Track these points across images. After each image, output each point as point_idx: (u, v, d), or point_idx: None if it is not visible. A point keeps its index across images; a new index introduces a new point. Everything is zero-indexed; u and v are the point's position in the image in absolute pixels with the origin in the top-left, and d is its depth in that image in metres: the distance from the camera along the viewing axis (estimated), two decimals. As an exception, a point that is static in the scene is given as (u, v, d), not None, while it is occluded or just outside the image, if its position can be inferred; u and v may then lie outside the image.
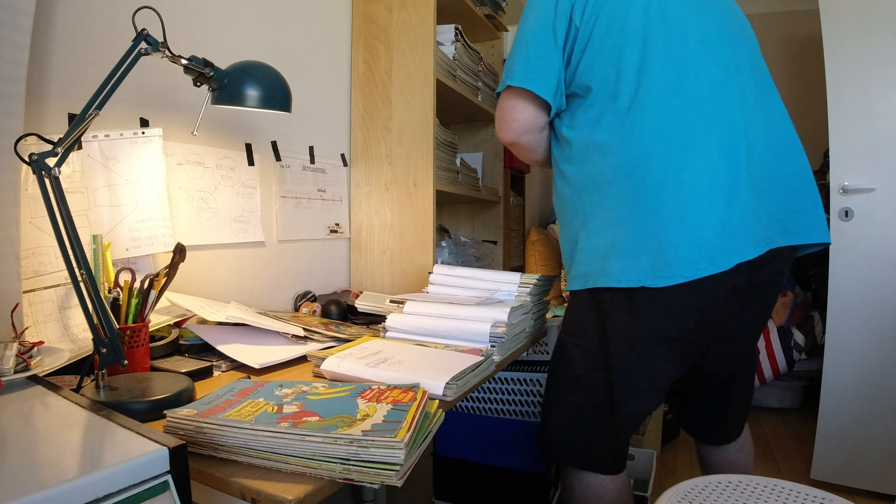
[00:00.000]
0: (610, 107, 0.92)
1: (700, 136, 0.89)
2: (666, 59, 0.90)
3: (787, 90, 3.25)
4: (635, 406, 0.99)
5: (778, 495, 0.89)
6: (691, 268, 0.86)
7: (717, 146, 0.89)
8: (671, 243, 0.86)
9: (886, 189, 1.81)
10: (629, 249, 0.89)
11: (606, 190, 0.92)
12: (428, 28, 1.50)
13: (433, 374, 0.74)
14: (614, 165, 0.91)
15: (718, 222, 0.87)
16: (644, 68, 0.90)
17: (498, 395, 1.42)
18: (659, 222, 0.87)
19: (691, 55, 0.92)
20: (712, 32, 0.95)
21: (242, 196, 1.29)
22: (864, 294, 1.84)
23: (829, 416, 1.90)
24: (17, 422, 0.53)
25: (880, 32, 1.79)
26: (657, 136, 0.89)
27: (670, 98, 0.90)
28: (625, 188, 0.90)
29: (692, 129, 0.89)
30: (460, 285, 1.13)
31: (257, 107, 0.92)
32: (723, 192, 0.88)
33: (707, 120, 0.90)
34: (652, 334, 0.94)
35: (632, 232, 0.89)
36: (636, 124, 0.90)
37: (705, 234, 0.86)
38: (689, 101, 0.90)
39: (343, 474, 0.52)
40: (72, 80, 0.93)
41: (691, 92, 0.90)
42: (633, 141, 0.90)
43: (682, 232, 0.86)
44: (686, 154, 0.88)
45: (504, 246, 2.19)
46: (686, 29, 0.93)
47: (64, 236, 0.67)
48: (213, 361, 0.91)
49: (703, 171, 0.88)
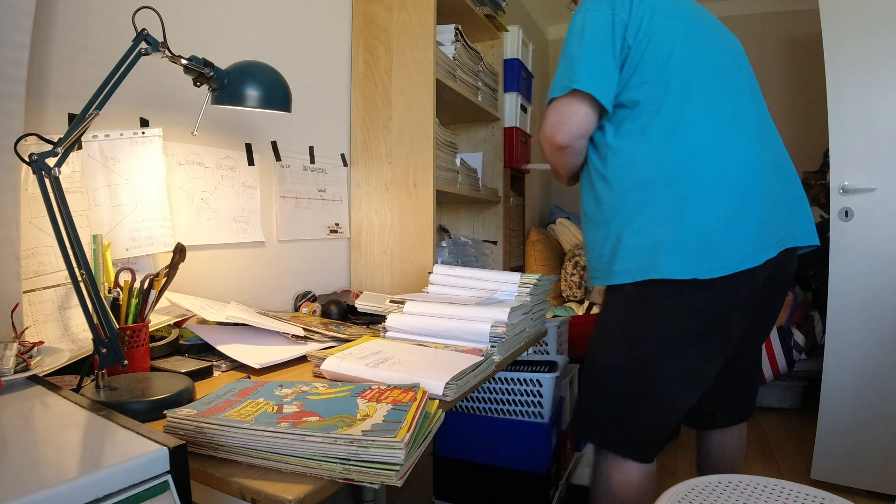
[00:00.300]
0: (655, 120, 1.04)
1: (732, 152, 1.03)
2: (703, 85, 1.05)
3: (787, 90, 3.25)
4: (673, 397, 1.07)
5: (778, 495, 0.89)
6: (734, 262, 0.99)
7: (744, 161, 1.04)
8: (716, 241, 0.99)
9: (886, 189, 1.81)
10: (678, 245, 1.00)
11: (652, 194, 1.03)
12: (428, 28, 1.50)
13: (433, 374, 0.74)
14: (661, 172, 1.02)
15: (752, 224, 1.01)
16: (688, 90, 1.04)
17: (498, 395, 1.42)
18: (704, 223, 1.00)
19: (720, 82, 1.07)
20: (731, 63, 1.11)
21: (242, 196, 1.29)
22: (864, 294, 1.84)
23: (829, 416, 1.90)
24: (17, 422, 0.53)
25: (880, 32, 1.79)
26: (698, 150, 1.02)
27: (707, 118, 1.04)
28: (670, 192, 1.01)
29: (725, 145, 1.03)
30: (460, 285, 1.13)
31: (257, 107, 0.92)
32: (753, 200, 1.03)
33: (735, 139, 1.04)
34: (700, 323, 1.03)
35: (679, 231, 1.00)
36: (680, 137, 1.02)
37: (743, 233, 1.00)
38: (721, 122, 1.04)
39: (343, 474, 0.52)
40: (72, 80, 0.93)
41: (721, 114, 1.05)
42: (677, 151, 1.02)
43: (726, 232, 1.00)
44: (722, 166, 1.02)
45: (504, 246, 2.19)
46: (716, 59, 1.09)
47: (64, 236, 0.67)
48: (213, 361, 0.91)
49: (737, 181, 1.02)
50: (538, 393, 1.38)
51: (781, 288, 1.16)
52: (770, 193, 1.05)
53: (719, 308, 1.03)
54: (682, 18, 1.09)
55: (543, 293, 1.21)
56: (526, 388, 1.39)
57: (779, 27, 3.28)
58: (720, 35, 1.14)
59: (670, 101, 1.04)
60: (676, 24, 1.07)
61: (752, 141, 1.07)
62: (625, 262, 1.06)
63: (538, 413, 1.39)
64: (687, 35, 1.07)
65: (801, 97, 3.20)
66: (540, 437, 1.38)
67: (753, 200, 1.02)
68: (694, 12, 1.12)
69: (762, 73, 1.36)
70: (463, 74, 1.77)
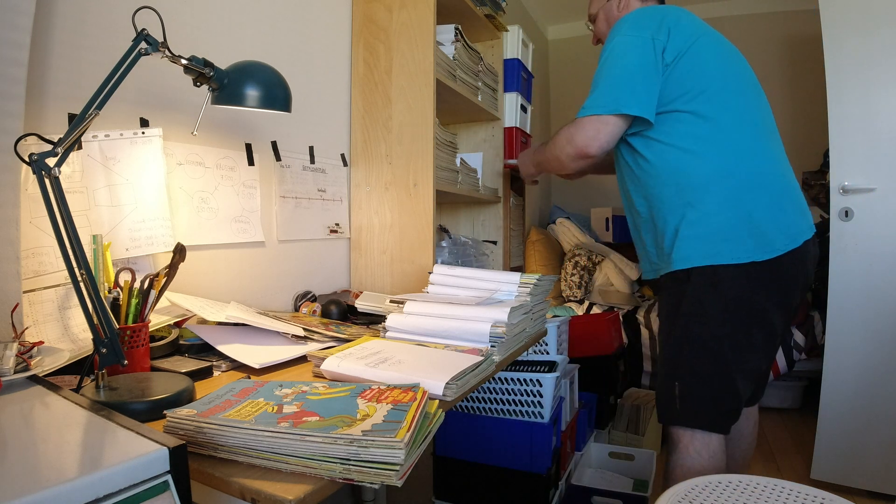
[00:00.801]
0: (701, 125, 1.19)
1: (768, 151, 1.22)
2: (735, 95, 1.21)
3: (788, 90, 3.25)
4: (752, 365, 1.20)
5: (778, 495, 0.89)
6: (783, 244, 1.16)
7: (777, 161, 1.23)
8: (767, 227, 1.16)
9: (886, 189, 1.81)
10: (735, 233, 1.16)
11: (705, 189, 1.18)
12: (428, 28, 1.50)
13: (433, 374, 0.74)
14: (714, 169, 1.18)
15: (792, 212, 1.20)
16: (725, 101, 1.19)
17: (498, 395, 1.42)
18: (755, 212, 1.16)
19: (747, 92, 1.24)
20: (748, 76, 1.28)
21: (242, 196, 1.29)
22: (864, 294, 1.84)
23: (829, 416, 1.90)
24: (17, 422, 0.53)
25: (880, 32, 1.79)
26: (742, 149, 1.19)
27: (743, 123, 1.20)
28: (723, 187, 1.17)
29: (762, 146, 1.22)
30: (460, 285, 1.13)
31: (257, 107, 0.92)
32: (790, 192, 1.22)
33: (768, 143, 1.23)
34: (765, 298, 1.17)
35: (735, 220, 1.16)
36: (726, 139, 1.19)
37: (787, 220, 1.18)
38: (754, 128, 1.22)
39: (343, 474, 0.52)
40: (72, 80, 0.93)
41: (752, 120, 1.22)
42: (726, 151, 1.18)
43: (773, 219, 1.17)
44: (763, 164, 1.20)
45: (504, 246, 2.19)
46: (739, 72, 1.26)
47: (64, 236, 0.67)
48: (213, 361, 0.91)
49: (777, 177, 1.21)
50: (538, 393, 1.38)
51: (812, 267, 1.28)
52: (795, 188, 1.25)
53: (777, 286, 1.17)
54: (709, 37, 1.24)
55: (543, 293, 1.21)
56: (526, 388, 1.39)
57: (779, 27, 3.28)
58: (734, 50, 1.30)
59: (711, 109, 1.18)
60: (707, 42, 1.22)
61: (776, 144, 1.25)
62: (683, 251, 1.21)
63: (538, 413, 1.39)
64: (716, 52, 1.23)
65: (801, 97, 3.20)
66: (540, 437, 1.38)
67: (790, 192, 1.21)
68: (712, 31, 1.28)
69: (762, 73, 1.37)
70: (463, 74, 1.76)
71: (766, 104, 1.29)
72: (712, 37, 1.25)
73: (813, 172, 2.90)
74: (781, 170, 1.22)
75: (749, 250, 1.15)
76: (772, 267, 1.16)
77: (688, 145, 1.19)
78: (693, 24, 1.23)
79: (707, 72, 1.19)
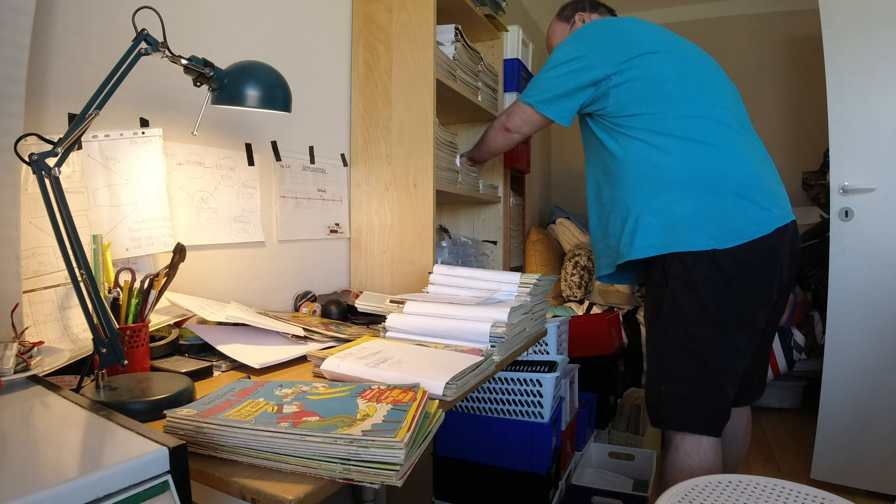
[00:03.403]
0: (664, 123, 1.24)
1: (733, 143, 1.23)
2: (694, 94, 1.26)
3: (788, 90, 3.25)
4: (735, 366, 1.20)
5: (778, 495, 0.89)
6: (750, 231, 1.16)
7: (743, 151, 1.23)
8: (730, 215, 1.17)
9: (886, 189, 1.81)
10: (697, 221, 1.18)
11: (669, 181, 1.21)
12: (428, 28, 1.50)
13: (433, 374, 0.74)
14: (677, 162, 1.21)
15: (761, 199, 1.19)
16: (685, 99, 1.25)
17: (498, 395, 1.42)
18: (718, 201, 1.17)
19: (708, 88, 1.28)
20: (709, 72, 1.33)
21: (242, 196, 1.29)
22: (864, 294, 1.84)
23: (829, 416, 1.90)
24: (17, 422, 0.53)
25: (880, 32, 1.79)
26: (706, 143, 1.21)
27: (705, 119, 1.23)
28: (687, 178, 1.20)
29: (726, 139, 1.23)
30: (460, 285, 1.13)
31: (257, 107, 0.92)
32: (758, 181, 1.21)
33: (731, 135, 1.24)
34: (741, 296, 1.17)
35: (697, 208, 1.18)
36: (688, 133, 1.22)
37: (753, 209, 1.18)
38: (719, 122, 1.24)
39: (343, 474, 0.52)
40: (72, 80, 0.93)
41: (715, 115, 1.25)
42: (688, 146, 1.22)
43: (737, 207, 1.17)
44: (727, 156, 1.21)
45: (504, 246, 2.19)
46: (698, 70, 1.30)
47: (64, 236, 0.67)
48: (213, 361, 0.91)
49: (743, 166, 1.21)
50: (538, 393, 1.38)
51: (795, 259, 1.29)
52: (771, 175, 1.26)
53: (753, 282, 1.17)
54: (663, 42, 1.31)
55: (543, 293, 1.21)
56: (526, 388, 1.39)
57: (779, 27, 3.28)
58: (694, 52, 1.35)
59: (672, 108, 1.24)
60: (660, 47, 1.29)
61: (744, 137, 1.27)
62: (645, 238, 1.23)
63: (538, 413, 1.39)
64: (671, 56, 1.29)
65: (801, 97, 3.20)
66: (540, 437, 1.38)
67: (757, 181, 1.20)
68: (667, 37, 1.34)
69: (762, 73, 1.38)
70: (463, 74, 1.76)
71: (734, 100, 1.32)
72: (666, 41, 1.31)
73: (813, 172, 2.90)
74: (749, 160, 1.23)
75: (711, 237, 1.16)
76: (740, 257, 1.16)
77: (651, 139, 1.24)
78: (642, 35, 1.31)
79: (661, 75, 1.26)
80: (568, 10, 1.64)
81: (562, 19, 1.64)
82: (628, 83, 1.27)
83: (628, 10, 3.56)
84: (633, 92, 1.27)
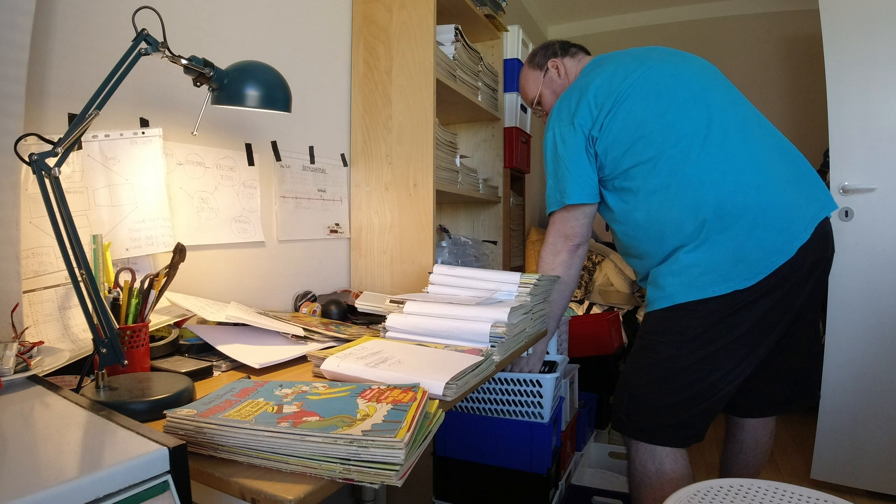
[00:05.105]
0: (653, 169, 1.19)
1: (736, 158, 1.15)
2: (685, 128, 1.18)
3: (788, 90, 3.25)
4: (712, 380, 1.17)
5: (780, 499, 0.89)
6: (770, 262, 1.11)
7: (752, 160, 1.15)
8: (747, 252, 1.12)
9: (886, 189, 1.81)
10: (714, 266, 1.14)
11: (673, 234, 1.18)
12: (428, 28, 1.50)
13: (433, 374, 0.74)
14: (679, 211, 1.17)
15: (776, 220, 1.12)
16: (669, 135, 1.18)
17: (498, 395, 1.42)
18: (732, 242, 1.13)
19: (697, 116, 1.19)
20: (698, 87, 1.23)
21: (242, 196, 1.29)
22: (864, 294, 1.84)
23: (829, 416, 1.90)
24: (17, 422, 0.53)
25: (880, 32, 1.79)
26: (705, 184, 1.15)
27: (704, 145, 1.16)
28: (694, 229, 1.15)
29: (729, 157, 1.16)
30: (460, 285, 1.13)
31: (257, 107, 0.92)
32: (773, 197, 1.13)
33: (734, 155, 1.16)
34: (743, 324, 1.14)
35: (711, 257, 1.14)
36: (687, 173, 1.16)
37: (770, 234, 1.12)
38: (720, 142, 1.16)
39: (343, 474, 0.52)
40: (72, 80, 0.93)
41: (716, 135, 1.17)
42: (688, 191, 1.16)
43: (754, 241, 1.12)
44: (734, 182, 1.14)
45: (504, 246, 2.19)
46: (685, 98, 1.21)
47: (64, 236, 0.67)
48: (213, 361, 0.91)
49: (748, 188, 1.13)
50: (538, 393, 1.38)
51: (824, 271, 1.24)
52: (784, 179, 1.16)
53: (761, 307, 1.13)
54: (630, 77, 1.23)
55: (543, 293, 1.21)
56: (526, 388, 1.39)
57: (779, 27, 3.28)
58: (669, 68, 1.26)
59: (660, 149, 1.18)
60: (631, 86, 1.22)
61: (747, 139, 1.18)
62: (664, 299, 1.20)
63: (538, 413, 1.39)
64: (646, 88, 1.22)
65: (801, 97, 3.20)
66: (540, 437, 1.38)
67: (774, 196, 1.13)
68: (646, 59, 1.27)
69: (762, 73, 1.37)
70: (463, 74, 1.76)
71: (730, 100, 1.23)
72: (634, 75, 1.24)
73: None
74: (755, 176, 1.14)
75: (729, 280, 1.13)
76: (755, 290, 1.12)
77: (652, 192, 1.20)
78: (608, 83, 1.24)
79: (639, 118, 1.20)
80: (539, 56, 1.49)
81: (534, 66, 1.49)
82: (611, 135, 1.22)
83: (628, 11, 3.56)
84: (619, 145, 1.22)
